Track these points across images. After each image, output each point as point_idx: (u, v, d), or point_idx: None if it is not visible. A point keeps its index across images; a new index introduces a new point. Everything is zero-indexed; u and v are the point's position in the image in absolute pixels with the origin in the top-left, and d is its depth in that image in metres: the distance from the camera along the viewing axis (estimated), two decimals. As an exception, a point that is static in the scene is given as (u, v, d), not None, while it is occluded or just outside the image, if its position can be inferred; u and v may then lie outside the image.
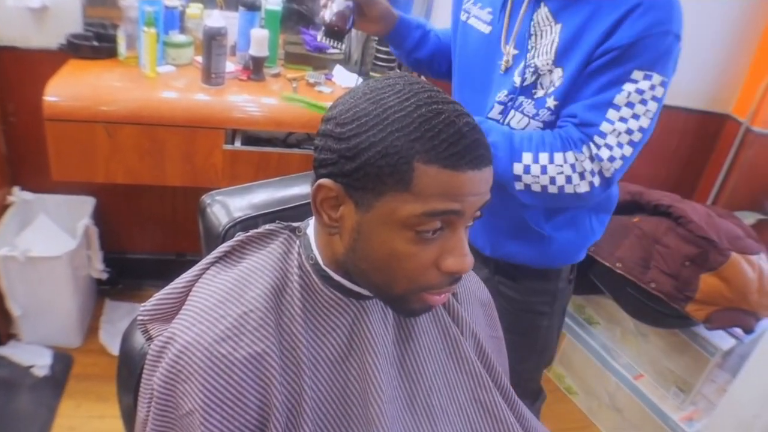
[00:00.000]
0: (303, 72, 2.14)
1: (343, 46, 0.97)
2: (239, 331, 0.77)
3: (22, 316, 2.11)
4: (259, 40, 1.99)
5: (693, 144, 2.59)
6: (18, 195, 2.21)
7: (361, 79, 2.12)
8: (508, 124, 1.25)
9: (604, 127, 1.13)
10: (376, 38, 2.25)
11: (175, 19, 2.04)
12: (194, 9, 2.09)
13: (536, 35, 1.20)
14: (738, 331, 2.00)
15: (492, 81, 1.29)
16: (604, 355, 2.29)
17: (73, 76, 1.89)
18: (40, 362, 2.11)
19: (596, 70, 1.13)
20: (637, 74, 1.10)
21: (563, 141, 1.15)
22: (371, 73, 2.23)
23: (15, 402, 2.00)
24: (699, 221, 1.96)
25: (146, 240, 2.52)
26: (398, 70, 2.26)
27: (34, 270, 2.02)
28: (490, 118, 1.27)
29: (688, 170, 2.66)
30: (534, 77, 1.20)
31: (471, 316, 0.98)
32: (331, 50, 2.22)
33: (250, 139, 2.01)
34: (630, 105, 1.11)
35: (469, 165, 0.70)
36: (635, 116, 1.12)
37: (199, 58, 2.04)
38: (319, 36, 1.36)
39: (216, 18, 1.87)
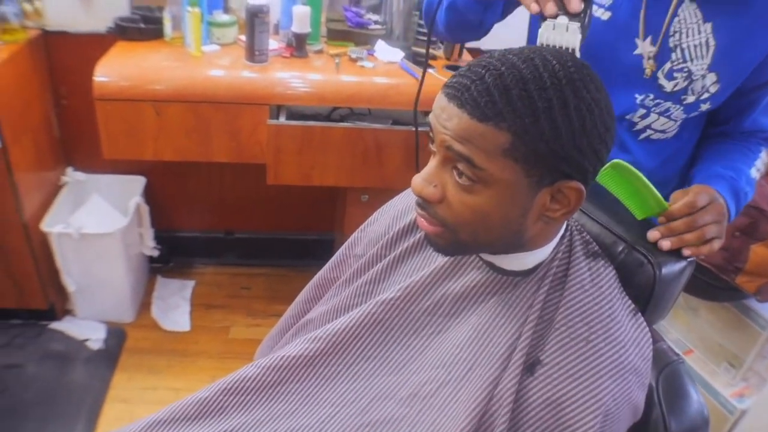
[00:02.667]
0: (345, 48, 2.14)
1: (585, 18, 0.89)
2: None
3: (77, 292, 2.19)
4: (301, 17, 2.00)
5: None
6: (71, 175, 2.28)
7: (403, 54, 2.12)
8: (650, 125, 1.20)
9: None
10: (418, 12, 2.24)
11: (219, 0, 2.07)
12: (237, -12, 2.11)
13: (680, 32, 1.09)
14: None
15: (618, 75, 1.14)
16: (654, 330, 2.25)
17: (122, 57, 1.93)
18: (95, 336, 2.18)
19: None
20: None
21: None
22: (413, 48, 2.22)
23: (71, 374, 2.08)
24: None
25: (195, 218, 2.59)
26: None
27: (88, 246, 2.09)
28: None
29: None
30: (686, 82, 1.12)
31: (535, 408, 0.83)
32: (373, 26, 2.22)
33: (295, 115, 2.03)
34: None
35: (446, 93, 0.75)
36: None
37: (243, 37, 2.06)
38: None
39: (258, -4, 1.88)
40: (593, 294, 0.87)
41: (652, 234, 0.97)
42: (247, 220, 2.65)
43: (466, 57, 2.24)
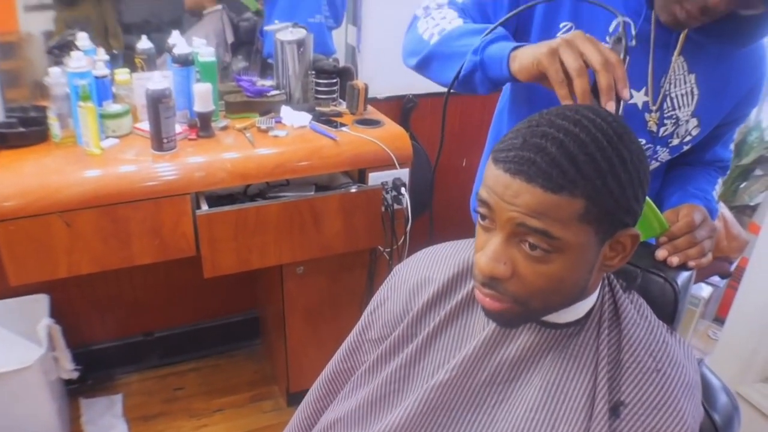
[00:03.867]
0: (250, 120, 2.05)
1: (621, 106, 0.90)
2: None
3: (-4, 442, 1.90)
4: (203, 95, 1.89)
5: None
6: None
7: (310, 116, 2.07)
8: None
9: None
10: (313, 72, 2.20)
11: (107, 89, 1.90)
12: (122, 75, 1.96)
13: (670, 83, 1.15)
14: (714, 278, 2.10)
15: None
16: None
17: (11, 169, 1.71)
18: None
19: (732, 124, 1.28)
20: None
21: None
22: (317, 108, 2.17)
23: None
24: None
25: (108, 326, 2.35)
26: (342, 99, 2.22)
27: (4, 386, 1.82)
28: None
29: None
30: (674, 128, 1.20)
31: None
32: (273, 92, 2.14)
33: (210, 198, 1.90)
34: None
35: (503, 165, 0.73)
36: None
37: (141, 125, 1.92)
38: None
39: (158, 80, 1.75)
40: (644, 326, 0.90)
41: (661, 253, 1.04)
42: (165, 317, 2.44)
43: (371, 110, 2.22)
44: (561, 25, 1.12)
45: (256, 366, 2.53)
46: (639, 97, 1.16)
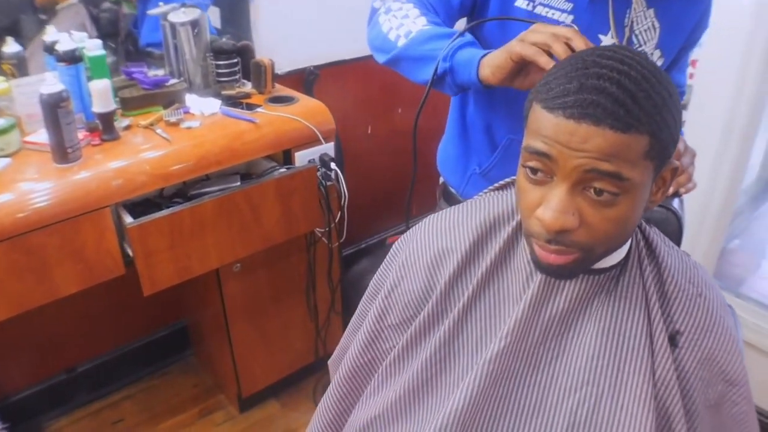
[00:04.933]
0: (154, 114, 1.85)
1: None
2: None
3: None
4: (102, 93, 1.67)
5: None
6: None
7: (219, 102, 1.90)
8: None
9: None
10: (211, 53, 2.02)
11: (-17, 103, 1.63)
12: (-1, 84, 1.69)
13: (634, 21, 1.18)
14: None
15: None
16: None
17: None
18: None
19: (687, 49, 1.30)
20: None
21: None
22: (223, 92, 2.00)
23: None
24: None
25: (24, 371, 2.07)
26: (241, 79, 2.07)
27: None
28: None
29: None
30: None
31: (693, 371, 0.87)
32: (172, 81, 1.94)
33: (126, 208, 1.69)
34: None
35: (563, 112, 0.70)
36: None
37: (31, 138, 1.67)
38: None
39: (51, 82, 1.52)
40: (674, 255, 0.92)
41: None
42: (86, 348, 2.19)
43: (279, 87, 2.08)
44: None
45: (195, 378, 2.34)
46: (607, 41, 1.18)
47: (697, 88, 1.99)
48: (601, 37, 1.18)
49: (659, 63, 1.25)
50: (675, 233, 1.13)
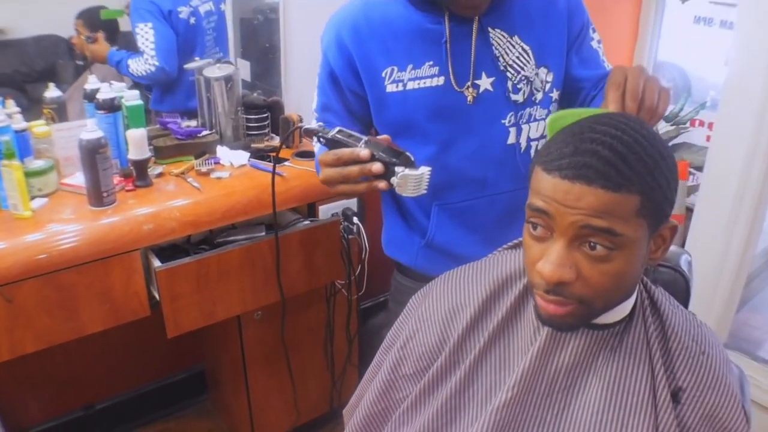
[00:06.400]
0: (186, 163, 1.93)
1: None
2: None
3: None
4: (138, 141, 1.76)
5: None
6: None
7: (248, 154, 1.98)
8: (528, 138, 1.30)
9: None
10: (242, 107, 2.11)
11: (27, 144, 1.72)
12: (41, 127, 1.77)
13: (502, 55, 1.25)
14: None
15: (480, 116, 1.27)
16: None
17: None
18: None
19: (577, 44, 1.33)
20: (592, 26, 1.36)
21: None
22: (252, 145, 2.08)
23: None
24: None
25: (43, 405, 2.11)
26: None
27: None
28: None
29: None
30: (528, 87, 1.28)
31: (695, 428, 0.89)
32: (204, 132, 2.03)
33: (156, 251, 1.76)
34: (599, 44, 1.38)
35: (560, 173, 0.76)
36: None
37: (68, 181, 1.76)
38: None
39: (91, 129, 1.61)
40: (678, 314, 0.95)
41: None
42: (104, 386, 2.24)
43: (305, 142, 2.16)
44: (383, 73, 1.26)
45: (210, 423, 2.37)
46: (485, 83, 1.26)
47: (711, 150, 2.03)
48: (478, 82, 1.25)
49: (549, 78, 1.30)
50: (682, 294, 1.16)
